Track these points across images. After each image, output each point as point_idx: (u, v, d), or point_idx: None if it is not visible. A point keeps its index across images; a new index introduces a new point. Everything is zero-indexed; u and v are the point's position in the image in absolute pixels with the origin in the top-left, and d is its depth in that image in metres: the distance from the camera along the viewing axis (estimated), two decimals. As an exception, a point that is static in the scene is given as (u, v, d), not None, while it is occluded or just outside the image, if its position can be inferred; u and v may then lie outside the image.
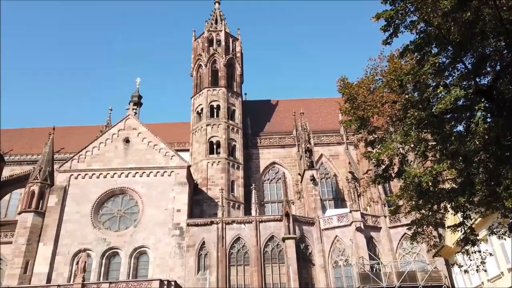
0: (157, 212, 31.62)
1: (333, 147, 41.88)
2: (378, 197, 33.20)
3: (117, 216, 32.17)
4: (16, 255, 29.37)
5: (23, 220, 30.79)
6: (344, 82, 14.46)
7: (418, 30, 11.62)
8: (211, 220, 31.16)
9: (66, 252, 30.00)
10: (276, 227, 30.47)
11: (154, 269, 29.60)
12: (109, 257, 30.42)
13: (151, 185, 32.80)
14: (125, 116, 35.87)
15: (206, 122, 39.21)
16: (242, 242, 30.10)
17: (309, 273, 29.74)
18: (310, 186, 33.60)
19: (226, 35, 44.36)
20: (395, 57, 13.13)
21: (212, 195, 35.42)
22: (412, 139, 12.46)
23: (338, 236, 30.76)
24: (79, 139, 41.50)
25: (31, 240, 29.97)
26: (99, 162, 33.67)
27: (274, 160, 41.41)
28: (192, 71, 43.67)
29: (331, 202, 39.01)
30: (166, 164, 33.75)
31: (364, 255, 28.86)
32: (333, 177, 40.58)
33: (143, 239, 30.65)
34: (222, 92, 40.86)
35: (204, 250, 29.90)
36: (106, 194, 32.55)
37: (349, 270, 29.46)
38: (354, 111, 14.08)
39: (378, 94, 13.64)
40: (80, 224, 31.08)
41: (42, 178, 32.48)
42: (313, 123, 42.80)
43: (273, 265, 29.31)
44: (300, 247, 30.01)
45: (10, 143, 43.63)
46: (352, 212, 30.80)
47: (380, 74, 13.65)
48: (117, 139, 34.72)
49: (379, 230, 31.56)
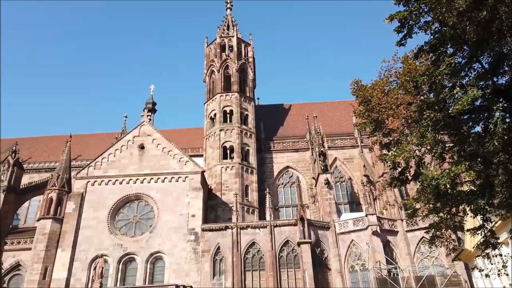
0: (172, 218, 31.81)
1: (347, 150, 41.57)
2: (394, 201, 32.72)
3: (133, 222, 32.48)
4: (35, 261, 29.87)
5: (41, 226, 31.33)
6: (358, 85, 14.36)
7: (433, 30, 11.50)
8: (226, 225, 31.19)
9: (84, 258, 30.39)
10: (291, 232, 30.31)
11: (170, 275, 29.72)
12: (125, 262, 30.69)
13: (166, 190, 33.05)
14: (139, 122, 36.31)
15: (219, 127, 39.40)
16: (257, 247, 30.01)
17: (325, 278, 29.44)
18: (324, 190, 33.35)
19: (238, 40, 44.62)
20: (410, 58, 12.98)
21: (226, 200, 35.48)
22: (428, 141, 12.29)
23: (354, 240, 30.40)
24: (96, 146, 42.18)
25: (50, 246, 30.46)
26: (115, 169, 34.10)
27: (288, 164, 41.29)
28: (205, 77, 44.00)
29: (346, 206, 38.64)
30: (181, 169, 33.98)
31: (381, 259, 28.44)
32: (348, 180, 40.22)
33: (158, 244, 30.85)
34: (235, 97, 41.03)
35: (219, 255, 29.92)
36: (122, 200, 32.92)
37: (366, 274, 29.05)
38: (368, 114, 13.96)
39: (393, 96, 13.49)
40: (97, 230, 31.47)
41: (59, 185, 33.05)
42: (327, 127, 42.58)
43: (289, 270, 29.12)
44: (316, 252, 29.76)
45: (29, 151, 44.64)
46: (368, 215, 30.43)
47: (394, 76, 13.52)
48: (132, 146, 35.15)
49: (396, 234, 31.08)
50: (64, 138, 39.96)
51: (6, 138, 48.54)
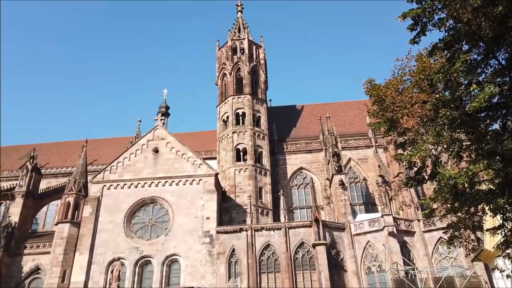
0: (187, 220, 32.00)
1: (361, 150, 41.19)
2: (410, 201, 32.26)
3: (148, 225, 32.78)
4: (54, 265, 30.39)
5: (60, 230, 31.87)
6: (371, 84, 14.25)
7: (447, 27, 11.33)
8: (240, 227, 31.21)
9: (101, 261, 30.79)
10: (306, 233, 30.15)
11: (186, 277, 29.88)
12: (142, 265, 30.97)
13: (180, 193, 33.27)
14: (153, 126, 36.67)
15: (232, 129, 39.50)
16: (272, 249, 29.94)
17: (341, 280, 29.19)
18: (339, 191, 33.09)
19: (249, 43, 44.72)
20: (424, 56, 12.82)
21: (241, 202, 35.52)
22: (445, 140, 12.09)
23: (370, 242, 30.07)
24: (111, 151, 42.79)
25: (68, 249, 30.96)
26: (130, 173, 34.50)
27: (301, 165, 41.12)
28: (217, 80, 44.22)
29: (362, 206, 38.27)
30: (194, 172, 34.17)
31: (398, 260, 28.05)
32: (362, 181, 39.84)
33: (174, 247, 31.05)
34: (247, 99, 41.10)
35: (234, 258, 29.95)
36: (138, 203, 33.26)
37: (383, 276, 28.69)
38: (382, 113, 13.83)
39: (407, 95, 13.35)
40: (114, 234, 31.85)
41: (76, 189, 33.58)
42: (340, 127, 42.28)
43: (304, 272, 28.95)
44: (331, 253, 29.53)
45: (46, 156, 45.53)
46: (383, 216, 30.06)
47: (408, 74, 13.37)
48: (147, 150, 35.51)
49: (413, 235, 30.63)
50: (80, 143, 40.66)
51: (24, 144, 49.72)
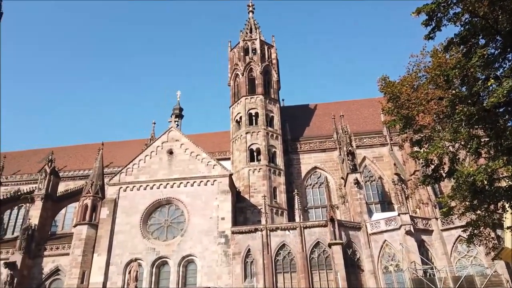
0: (202, 221, 32.18)
1: (376, 148, 40.75)
2: (427, 199, 31.76)
3: (164, 226, 33.08)
4: (73, 266, 30.94)
5: (78, 232, 32.43)
6: (386, 81, 14.08)
7: (463, 22, 11.13)
8: (255, 227, 31.23)
9: (119, 262, 31.20)
10: (321, 233, 29.98)
11: (202, 277, 30.05)
12: (158, 266, 31.27)
13: (195, 194, 33.48)
14: (167, 128, 37.00)
15: (245, 130, 39.55)
16: (287, 249, 29.86)
17: (358, 279, 28.92)
18: (354, 190, 32.81)
19: (261, 43, 44.71)
20: (439, 51, 12.61)
21: (255, 202, 35.54)
22: (462, 136, 11.87)
23: (387, 241, 29.72)
24: (126, 153, 43.33)
25: (86, 251, 31.48)
26: (146, 174, 34.87)
27: (316, 164, 40.92)
28: (229, 80, 44.35)
29: (377, 205, 37.86)
30: (209, 173, 34.34)
31: (416, 259, 27.64)
32: (378, 179, 39.41)
33: (190, 247, 31.26)
34: (260, 100, 41.10)
35: (250, 258, 29.97)
36: (153, 204, 33.59)
37: (400, 275, 28.32)
38: (397, 110, 13.66)
39: (423, 91, 13.14)
40: (130, 235, 32.25)
41: (94, 191, 34.11)
42: (354, 125, 41.92)
43: (321, 272, 28.78)
44: (348, 253, 29.29)
45: (64, 159, 46.42)
46: (400, 215, 29.66)
47: (423, 71, 13.17)
48: (161, 151, 35.84)
49: (431, 233, 30.15)
50: (96, 146, 41.29)
51: (42, 148, 50.84)
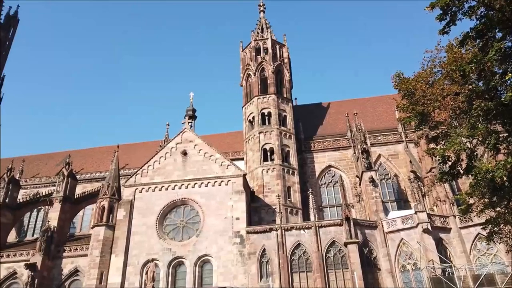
0: (217, 221, 32.30)
1: (391, 146, 40.27)
2: (445, 196, 31.24)
3: (180, 226, 33.33)
4: (91, 267, 31.43)
5: (96, 233, 32.92)
6: (400, 78, 13.90)
7: (478, 15, 10.91)
8: (270, 227, 31.20)
9: (136, 263, 31.57)
10: (336, 232, 29.77)
11: (218, 277, 30.17)
12: (175, 266, 31.51)
13: (210, 195, 33.63)
14: (181, 130, 37.27)
15: (258, 130, 39.55)
16: (302, 248, 29.75)
17: (375, 278, 28.63)
18: (369, 188, 32.49)
19: (272, 42, 44.64)
20: (454, 46, 12.37)
21: (269, 202, 35.51)
22: (480, 132, 11.63)
23: (404, 239, 29.34)
24: (141, 155, 43.84)
25: (104, 252, 31.92)
26: (161, 176, 35.20)
27: (330, 163, 40.65)
28: (242, 81, 44.41)
29: (394, 203, 37.40)
30: (223, 173, 34.45)
31: (434, 258, 27.22)
32: (393, 177, 38.94)
33: (205, 247, 31.42)
34: (272, 99, 41.03)
35: (265, 257, 29.96)
36: (169, 205, 33.87)
37: (418, 274, 27.93)
38: (412, 107, 13.47)
39: (438, 87, 12.91)
40: (147, 235, 32.59)
41: (110, 193, 34.58)
42: (368, 123, 41.51)
43: (337, 271, 28.59)
44: (364, 252, 29.04)
45: (81, 162, 47.23)
46: (417, 213, 29.26)
47: (438, 66, 12.95)
48: (176, 153, 36.12)
49: (449, 231, 29.67)
50: (112, 149, 41.87)
51: (59, 151, 51.83)
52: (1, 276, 33.75)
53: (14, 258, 34.46)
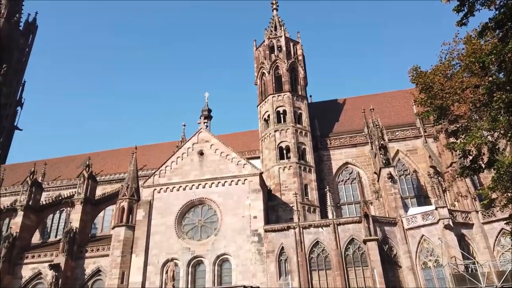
0: (235, 220, 32.43)
1: (409, 141, 39.62)
2: (466, 191, 30.58)
3: (198, 225, 33.60)
4: (113, 267, 32.00)
5: (116, 234, 33.49)
6: (417, 72, 13.65)
7: (497, 5, 10.60)
8: (288, 225, 31.13)
9: (156, 262, 31.99)
10: (355, 229, 29.50)
11: (237, 276, 30.29)
12: (194, 265, 31.79)
13: (227, 194, 33.78)
14: (197, 130, 37.53)
15: (273, 128, 39.48)
16: (321, 246, 29.58)
17: (396, 276, 28.25)
18: (388, 184, 32.05)
19: (286, 40, 44.45)
20: (473, 37, 12.07)
21: (286, 200, 35.43)
22: (502, 125, 11.33)
23: (424, 236, 28.85)
24: (159, 156, 44.36)
25: (125, 252, 32.46)
26: (178, 176, 35.54)
27: (347, 160, 40.28)
28: (256, 79, 44.38)
29: (413, 200, 36.82)
30: (239, 172, 34.54)
31: (456, 254, 26.68)
32: (413, 173, 38.31)
33: (224, 246, 31.59)
34: (287, 97, 40.89)
35: (283, 256, 29.92)
36: (187, 205, 34.17)
37: (440, 271, 27.43)
38: (431, 101, 13.21)
39: (457, 80, 12.63)
40: (166, 235, 32.97)
41: (129, 194, 35.11)
42: (385, 118, 40.96)
43: (356, 269, 28.34)
44: (384, 249, 28.68)
45: (100, 164, 48.10)
46: (438, 209, 28.71)
47: (457, 58, 12.66)
48: (192, 153, 36.40)
49: (471, 227, 29.03)
50: (130, 150, 42.49)
51: (80, 154, 52.91)
52: (27, 277, 34.73)
53: (39, 259, 35.41)
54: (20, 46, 67.74)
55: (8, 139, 62.77)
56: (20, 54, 67.60)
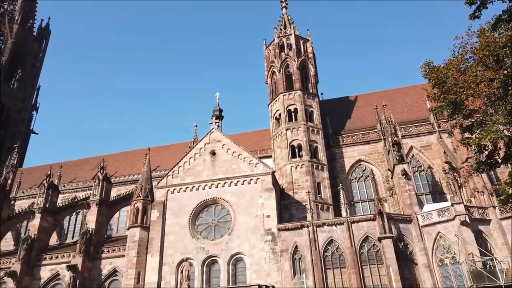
0: (248, 219, 32.48)
1: (423, 137, 39.11)
2: (483, 187, 30.03)
3: (212, 225, 33.76)
4: (129, 267, 32.38)
5: (131, 234, 33.87)
6: (430, 66, 13.44)
7: (512, -4, 10.37)
8: (301, 223, 31.05)
9: (171, 262, 32.26)
10: (370, 227, 29.27)
11: (252, 275, 30.35)
12: (209, 265, 31.94)
13: (240, 193, 33.86)
14: (209, 130, 37.70)
15: (285, 126, 39.39)
16: (335, 244, 29.43)
17: (412, 273, 27.94)
18: (402, 181, 31.69)
19: (296, 38, 44.29)
20: (486, 30, 11.83)
21: (299, 198, 35.33)
22: (518, 119, 11.10)
23: (440, 232, 28.46)
24: (171, 156, 44.67)
25: (140, 252, 32.82)
26: (191, 176, 35.76)
27: (360, 157, 39.95)
28: (266, 78, 44.34)
29: (428, 196, 36.30)
30: (251, 172, 34.58)
31: (473, 251, 26.25)
32: (427, 169, 37.80)
33: (238, 246, 31.68)
34: (298, 95, 40.75)
35: (297, 254, 29.87)
36: (200, 205, 34.36)
37: (457, 268, 27.03)
38: (444, 96, 13.01)
39: (471, 74, 12.40)
40: (180, 235, 33.21)
41: (143, 195, 35.47)
42: (398, 114, 40.50)
43: (371, 267, 28.12)
44: (399, 246, 28.38)
45: (114, 166, 48.71)
46: (454, 205, 28.29)
47: (470, 52, 12.43)
48: (204, 153, 36.59)
49: (489, 223, 28.51)
50: (143, 152, 42.92)
51: (94, 156, 53.66)
52: (46, 278, 35.39)
53: (57, 260, 36.03)
54: (34, 52, 69.14)
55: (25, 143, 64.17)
56: (34, 60, 68.97)
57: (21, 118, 63.79)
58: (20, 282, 34.06)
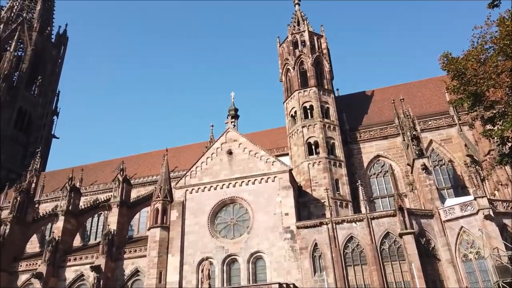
0: (267, 218, 32.51)
1: (443, 130, 38.29)
2: (507, 179, 29.25)
3: (230, 224, 33.94)
4: (150, 267, 32.87)
5: (152, 235, 34.38)
6: (448, 58, 13.12)
7: (532, -18, 10.03)
8: (320, 221, 30.88)
9: (191, 261, 32.59)
10: (390, 223, 28.88)
11: (272, 273, 30.38)
12: (228, 263, 32.13)
13: (257, 192, 33.90)
14: (225, 129, 37.87)
15: (301, 124, 39.20)
16: (355, 241, 29.16)
17: (435, 269, 27.44)
18: (422, 176, 31.12)
19: (309, 34, 43.97)
20: (506, 19, 11.48)
21: (317, 195, 35.13)
22: (542, 109, 10.74)
23: (463, 227, 27.82)
24: (189, 157, 45.09)
25: (161, 252, 33.26)
26: (209, 176, 36.01)
27: (378, 153, 39.42)
28: (281, 76, 44.20)
29: (450, 190, 35.54)
30: (268, 170, 34.58)
31: (498, 245, 25.57)
32: (448, 163, 37.00)
33: (257, 244, 31.75)
34: (313, 92, 40.47)
35: (317, 252, 29.73)
36: (219, 204, 34.58)
37: (482, 263, 26.39)
38: (464, 88, 12.69)
39: (491, 64, 12.06)
40: (200, 235, 33.51)
41: (163, 196, 35.93)
42: (416, 108, 39.78)
43: (393, 263, 27.75)
44: (421, 242, 27.91)
45: (134, 167, 49.46)
46: (477, 199, 27.60)
47: (490, 42, 12.08)
48: (221, 152, 36.78)
49: (514, 217, 27.69)
50: (161, 153, 43.43)
51: (114, 159, 54.61)
52: (70, 279, 36.29)
53: (81, 261, 36.94)
54: (53, 58, 70.77)
55: (47, 148, 65.81)
56: (53, 66, 70.60)
57: (43, 123, 65.42)
58: (46, 283, 35.05)
